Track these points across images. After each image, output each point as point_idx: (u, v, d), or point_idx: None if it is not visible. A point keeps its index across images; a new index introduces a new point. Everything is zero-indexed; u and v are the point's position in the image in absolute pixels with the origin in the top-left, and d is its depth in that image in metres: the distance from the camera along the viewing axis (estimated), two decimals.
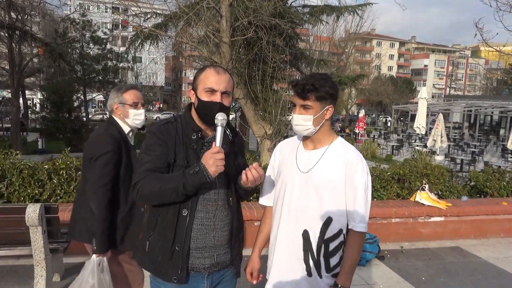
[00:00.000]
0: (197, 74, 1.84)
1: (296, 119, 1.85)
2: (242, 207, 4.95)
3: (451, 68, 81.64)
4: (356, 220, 1.82)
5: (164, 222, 1.75)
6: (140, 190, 1.67)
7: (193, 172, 1.63)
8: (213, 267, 1.83)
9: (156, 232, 1.78)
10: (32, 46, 20.98)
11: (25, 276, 3.80)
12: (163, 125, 1.81)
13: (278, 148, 2.08)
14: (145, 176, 1.69)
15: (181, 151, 1.76)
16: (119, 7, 10.31)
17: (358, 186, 1.81)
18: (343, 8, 14.31)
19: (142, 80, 36.78)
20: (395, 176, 5.90)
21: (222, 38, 7.97)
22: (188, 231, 1.75)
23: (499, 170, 6.89)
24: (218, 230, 1.82)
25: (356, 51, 53.87)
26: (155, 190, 1.66)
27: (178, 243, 1.74)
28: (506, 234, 5.73)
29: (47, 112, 21.98)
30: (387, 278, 4.24)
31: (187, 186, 1.63)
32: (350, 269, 1.83)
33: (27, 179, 4.63)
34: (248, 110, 8.54)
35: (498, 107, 31.23)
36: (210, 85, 1.77)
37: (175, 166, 1.74)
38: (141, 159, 1.76)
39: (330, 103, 1.83)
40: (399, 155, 20.48)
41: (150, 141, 1.78)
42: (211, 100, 1.77)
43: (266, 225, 2.09)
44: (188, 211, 1.74)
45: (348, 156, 1.84)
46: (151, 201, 1.74)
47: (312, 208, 1.85)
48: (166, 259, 1.75)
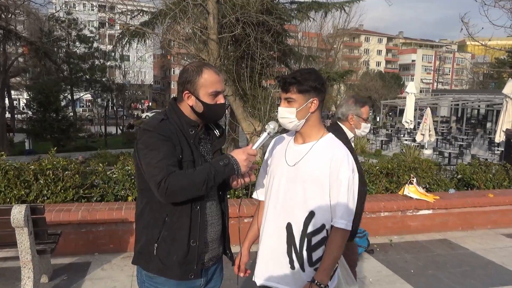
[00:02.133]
0: (193, 76, 1.76)
1: (280, 112, 1.88)
2: (231, 204, 4.95)
3: (438, 63, 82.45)
4: (337, 216, 1.82)
5: (176, 220, 1.72)
6: (169, 187, 1.59)
7: (223, 164, 1.65)
8: (209, 261, 1.85)
9: (167, 232, 1.73)
10: (17, 45, 20.65)
11: (12, 278, 3.74)
12: (160, 122, 1.72)
13: (271, 143, 2.10)
14: (169, 172, 1.61)
15: (185, 146, 1.73)
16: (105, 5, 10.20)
17: (342, 181, 1.80)
18: (330, 5, 14.36)
19: (130, 79, 36.43)
20: (384, 170, 5.94)
21: (209, 35, 7.94)
22: (202, 226, 1.76)
23: (486, 162, 6.99)
24: (214, 224, 1.84)
25: (345, 47, 54.03)
26: (184, 185, 1.61)
27: (192, 239, 1.74)
28: (493, 226, 5.82)
29: (33, 112, 21.68)
30: (377, 272, 4.28)
31: (217, 177, 1.64)
32: (329, 266, 1.81)
33: (12, 180, 4.56)
34: (237, 107, 8.53)
35: (485, 100, 31.62)
36: (214, 88, 1.77)
37: (183, 162, 1.71)
38: (151, 158, 1.64)
39: (314, 96, 1.83)
40: (388, 149, 20.64)
41: (152, 139, 1.67)
42: (216, 102, 1.79)
43: (258, 220, 2.09)
44: (199, 206, 1.75)
45: (335, 151, 1.84)
46: (181, 196, 1.65)
47: (296, 202, 1.86)
48: (182, 256, 1.73)
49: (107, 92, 33.02)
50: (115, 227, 4.41)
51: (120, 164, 5.18)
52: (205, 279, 1.87)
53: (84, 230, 4.36)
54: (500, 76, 50.90)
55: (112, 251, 4.41)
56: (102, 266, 4.11)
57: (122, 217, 4.34)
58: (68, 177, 4.74)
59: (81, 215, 4.26)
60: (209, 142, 1.88)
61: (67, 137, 21.32)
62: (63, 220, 4.20)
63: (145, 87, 51.05)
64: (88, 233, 4.38)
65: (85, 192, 4.83)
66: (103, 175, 5.01)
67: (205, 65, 1.81)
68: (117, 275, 3.91)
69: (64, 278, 3.85)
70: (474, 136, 29.46)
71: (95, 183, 4.99)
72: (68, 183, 4.73)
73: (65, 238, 4.18)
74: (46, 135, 20.96)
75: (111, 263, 4.20)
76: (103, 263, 4.19)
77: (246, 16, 8.35)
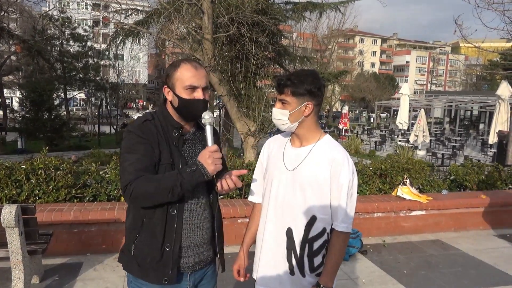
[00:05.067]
0: (171, 70, 1.74)
1: (274, 113, 1.86)
2: (225, 204, 4.94)
3: (432, 64, 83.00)
4: (339, 219, 1.81)
5: (152, 223, 1.70)
6: (134, 191, 1.59)
7: (190, 170, 1.60)
8: (196, 265, 1.82)
9: (143, 234, 1.72)
10: (10, 43, 20.47)
11: (3, 278, 3.71)
12: (142, 123, 1.72)
13: (266, 145, 2.06)
14: (137, 176, 1.60)
15: (164, 149, 1.70)
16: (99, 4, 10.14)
17: (343, 185, 1.79)
18: (325, 5, 14.37)
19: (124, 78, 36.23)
20: (377, 171, 5.96)
21: (204, 35, 7.92)
22: (178, 230, 1.72)
23: (478, 164, 7.03)
24: (202, 228, 1.81)
25: (339, 47, 54.17)
26: (150, 191, 1.59)
27: (168, 243, 1.71)
28: (485, 227, 5.86)
29: (26, 111, 21.47)
30: (370, 272, 4.29)
31: (184, 185, 1.60)
32: (333, 269, 1.81)
33: (4, 180, 4.51)
34: (231, 107, 8.52)
35: (478, 102, 31.88)
36: (190, 82, 1.71)
37: (161, 165, 1.69)
38: (124, 160, 1.66)
39: (309, 100, 1.80)
40: (382, 150, 20.71)
41: (131, 141, 1.68)
42: (193, 97, 1.73)
43: (255, 222, 2.05)
44: (176, 210, 1.71)
45: (334, 154, 1.82)
46: (145, 202, 1.65)
47: (296, 206, 1.84)
48: (155, 260, 1.71)
49: (101, 91, 32.82)
50: (107, 227, 4.38)
51: (113, 163, 5.14)
52: (192, 283, 1.83)
53: (76, 230, 4.33)
54: (493, 78, 51.35)
55: (104, 251, 4.38)
56: (94, 267, 4.08)
57: (114, 217, 4.31)
58: (60, 176, 4.70)
59: (73, 215, 4.22)
60: (200, 143, 1.84)
61: (60, 136, 21.12)
62: (55, 220, 4.16)
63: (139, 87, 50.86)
64: (80, 233, 4.34)
65: (77, 192, 4.79)
66: (96, 175, 4.97)
67: (186, 60, 1.77)
68: (109, 276, 3.88)
69: (56, 278, 3.81)
70: (467, 137, 29.67)
71: (87, 182, 4.95)
72: (60, 182, 4.68)
73: (57, 238, 4.14)
74: (39, 134, 20.74)
75: (104, 263, 4.17)
76: (95, 263, 4.16)
77: (241, 16, 8.34)
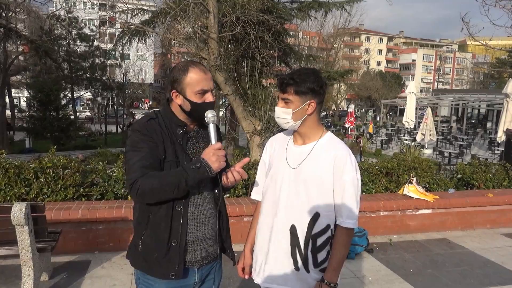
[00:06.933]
0: (179, 74, 1.76)
1: (276, 112, 1.88)
2: (231, 203, 4.96)
3: (439, 63, 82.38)
4: (344, 216, 1.82)
5: (157, 219, 1.74)
6: (140, 188, 1.62)
7: (194, 168, 1.63)
8: (203, 260, 1.84)
9: (150, 230, 1.76)
10: (18, 43, 20.64)
11: (12, 276, 3.76)
12: (147, 122, 1.76)
13: (269, 143, 2.08)
14: (143, 173, 1.64)
15: (169, 146, 1.74)
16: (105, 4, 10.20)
17: (347, 181, 1.81)
18: (331, 4, 14.34)
19: (130, 77, 36.41)
20: (383, 170, 5.95)
21: (210, 34, 7.94)
22: (184, 226, 1.75)
23: (485, 162, 6.99)
24: (207, 223, 1.83)
25: (345, 46, 54.02)
26: (156, 187, 1.63)
27: (174, 239, 1.74)
28: (492, 225, 5.83)
29: (34, 111, 21.67)
30: (376, 271, 4.29)
31: (189, 181, 1.63)
32: (337, 265, 1.83)
33: (13, 178, 4.57)
34: (237, 106, 8.53)
35: (485, 100, 31.59)
36: (200, 87, 1.75)
37: (166, 162, 1.72)
38: (130, 157, 1.69)
39: (312, 98, 1.81)
40: (388, 149, 20.65)
41: (136, 139, 1.71)
42: (204, 101, 1.77)
43: (258, 220, 2.07)
44: (182, 206, 1.74)
45: (337, 151, 1.83)
46: (151, 198, 1.69)
47: (300, 204, 1.85)
48: (162, 255, 1.74)
49: (107, 90, 33.02)
50: (115, 225, 4.42)
51: (120, 162, 5.19)
52: (199, 278, 1.86)
53: (84, 229, 4.37)
54: (500, 76, 50.88)
55: (112, 249, 4.42)
56: (102, 265, 4.12)
57: (122, 216, 4.35)
58: (68, 175, 4.75)
59: (81, 214, 4.27)
60: (203, 141, 1.87)
61: (67, 136, 21.32)
62: (63, 218, 4.21)
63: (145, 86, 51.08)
64: (88, 231, 4.39)
65: (85, 190, 4.85)
66: (103, 174, 5.02)
67: (192, 64, 1.79)
68: (116, 274, 3.92)
69: (64, 276, 3.86)
70: (474, 136, 29.46)
71: (95, 181, 5.00)
72: (68, 181, 4.74)
73: (65, 237, 4.19)
74: (46, 134, 20.94)
75: (111, 261, 4.21)
76: (103, 261, 4.20)
77: (247, 15, 8.34)
